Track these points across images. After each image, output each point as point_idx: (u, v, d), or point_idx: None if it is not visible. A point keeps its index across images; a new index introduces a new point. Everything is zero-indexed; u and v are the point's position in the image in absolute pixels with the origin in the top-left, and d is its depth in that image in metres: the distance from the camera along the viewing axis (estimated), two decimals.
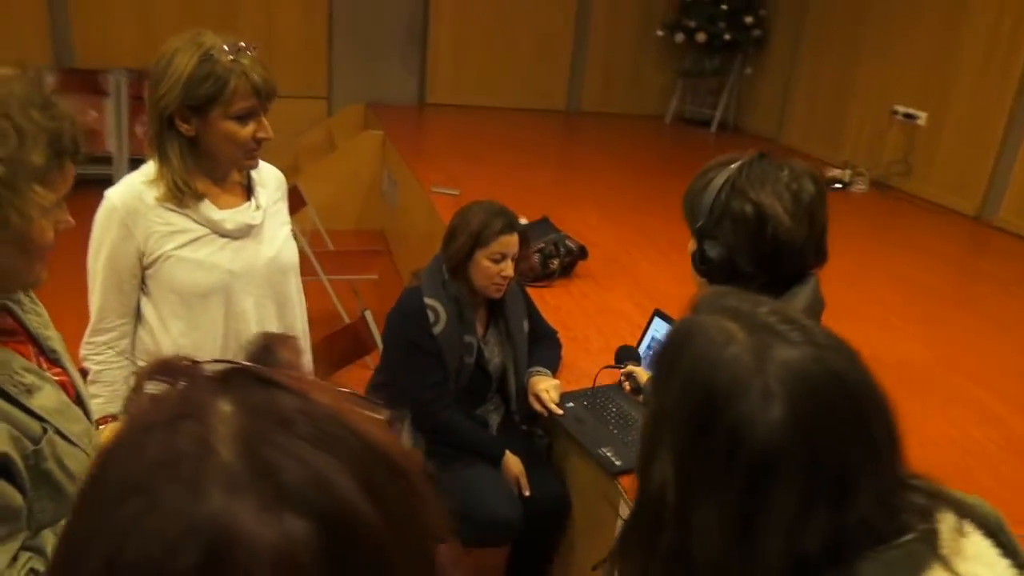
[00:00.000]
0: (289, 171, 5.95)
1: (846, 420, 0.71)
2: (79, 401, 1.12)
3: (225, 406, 0.43)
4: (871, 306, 3.30)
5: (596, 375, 2.17)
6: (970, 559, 0.71)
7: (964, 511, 0.75)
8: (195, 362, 0.48)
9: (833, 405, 0.71)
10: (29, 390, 0.98)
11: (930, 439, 2.29)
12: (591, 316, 2.88)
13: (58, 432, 1.00)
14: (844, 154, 5.72)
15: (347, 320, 3.66)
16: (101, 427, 1.22)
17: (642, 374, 2.00)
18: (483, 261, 2.08)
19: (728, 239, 1.32)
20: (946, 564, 0.69)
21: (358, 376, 2.60)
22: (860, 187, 5.35)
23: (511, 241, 2.10)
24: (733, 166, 1.34)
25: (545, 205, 4.12)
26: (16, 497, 0.93)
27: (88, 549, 0.41)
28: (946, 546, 0.70)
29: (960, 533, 0.72)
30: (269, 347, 0.52)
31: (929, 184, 5.17)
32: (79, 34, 5.76)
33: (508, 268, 2.10)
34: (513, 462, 2.16)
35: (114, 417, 1.38)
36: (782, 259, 1.34)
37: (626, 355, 2.21)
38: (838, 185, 5.32)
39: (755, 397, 0.70)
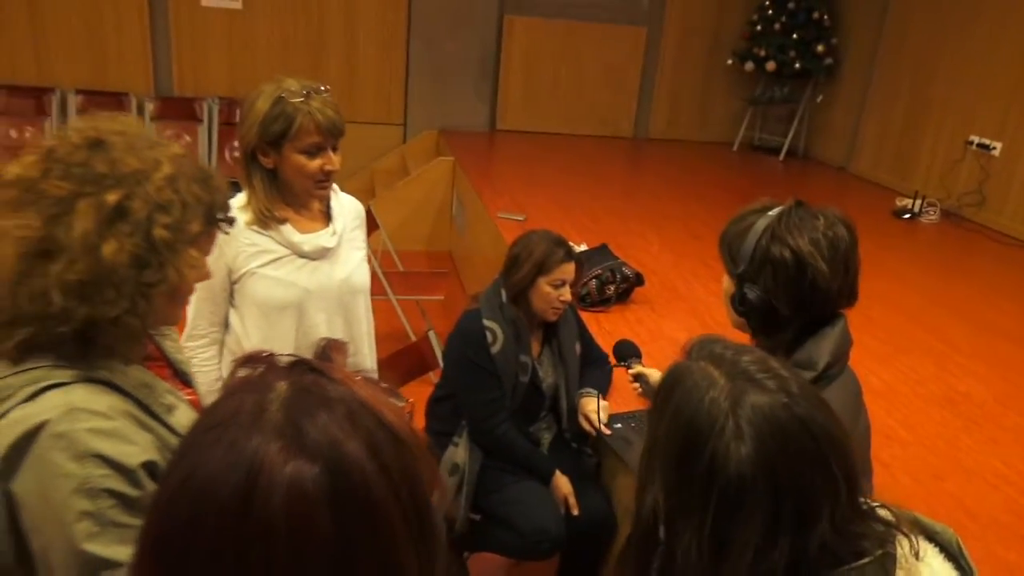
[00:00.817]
0: (365, 193, 6.27)
1: (808, 458, 0.81)
2: None
3: (282, 385, 0.63)
4: (934, 341, 3.28)
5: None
6: None
7: (929, 535, 0.83)
8: (272, 355, 0.68)
9: (796, 445, 0.81)
10: (170, 409, 1.09)
11: (979, 474, 2.31)
12: (644, 342, 2.95)
13: None
14: (915, 184, 5.64)
15: (413, 338, 3.85)
16: None
17: (653, 374, 1.98)
18: (544, 287, 2.22)
19: (768, 284, 1.38)
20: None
21: (420, 391, 2.75)
22: (931, 217, 5.27)
23: (570, 269, 2.24)
24: (772, 213, 1.40)
25: (607, 231, 4.24)
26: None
27: (173, 470, 0.61)
28: (902, 568, 0.79)
29: (916, 557, 0.81)
30: (326, 349, 0.74)
31: (1003, 216, 5.07)
32: (177, 65, 6.20)
33: (566, 293, 2.24)
34: (563, 482, 2.27)
35: None
36: (818, 303, 1.40)
37: (627, 351, 2.19)
38: (908, 215, 5.26)
39: (728, 436, 0.80)
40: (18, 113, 5.84)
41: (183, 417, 1.12)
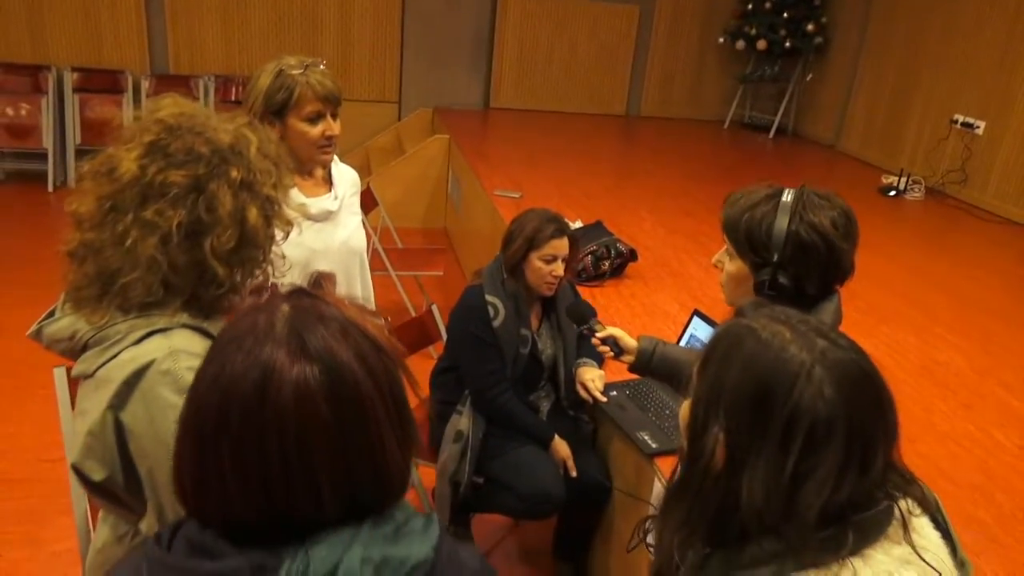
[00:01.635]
0: (361, 171, 6.32)
1: (874, 407, 0.89)
2: None
3: (285, 306, 0.79)
4: (915, 314, 3.42)
5: None
6: (915, 531, 0.92)
7: (923, 496, 0.95)
8: (275, 285, 0.87)
9: (866, 393, 0.89)
10: None
11: (952, 438, 2.44)
12: (638, 314, 3.10)
13: None
14: (901, 161, 5.76)
15: (412, 312, 3.96)
16: None
17: (623, 336, 1.97)
18: (536, 262, 2.33)
19: (799, 267, 1.44)
20: (904, 529, 0.90)
21: (423, 364, 2.87)
22: (916, 195, 5.40)
23: (561, 244, 2.34)
24: (787, 199, 1.46)
25: (601, 208, 4.34)
26: None
27: (206, 369, 0.78)
28: (903, 518, 0.91)
29: (912, 512, 0.92)
30: (318, 280, 1.04)
31: (986, 193, 5.20)
32: (173, 44, 6.23)
33: (558, 268, 2.34)
34: (561, 445, 2.39)
35: None
36: (837, 281, 1.50)
37: (582, 312, 2.11)
38: (893, 192, 5.38)
39: (815, 382, 0.86)
40: (14, 91, 5.87)
41: None
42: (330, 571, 0.73)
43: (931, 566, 0.89)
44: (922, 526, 0.94)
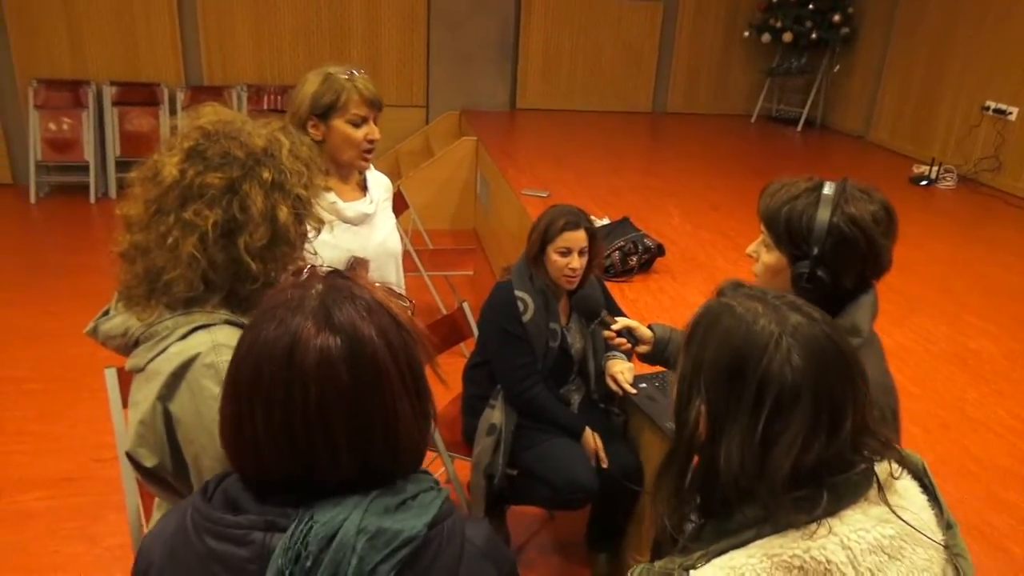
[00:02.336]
0: (391, 175, 6.42)
1: (841, 374, 0.94)
2: None
3: (319, 285, 0.89)
4: (945, 302, 3.41)
5: None
6: (897, 493, 0.96)
7: (901, 460, 0.99)
8: (315, 267, 0.95)
9: (833, 362, 0.94)
10: None
11: (984, 424, 2.45)
12: (666, 308, 3.13)
13: None
14: (933, 151, 5.71)
15: (444, 311, 4.03)
16: None
17: (640, 327, 1.98)
18: (552, 255, 2.39)
19: (839, 262, 1.44)
20: (880, 490, 0.94)
21: (454, 362, 2.94)
22: (948, 184, 5.34)
23: (575, 237, 2.38)
24: (828, 192, 1.45)
25: (628, 205, 4.38)
26: None
27: (244, 338, 0.89)
28: (882, 481, 0.95)
29: (892, 475, 0.97)
30: (353, 264, 1.17)
31: (1020, 180, 5.13)
32: (206, 56, 6.39)
33: (575, 261, 2.38)
34: (592, 437, 2.44)
35: None
36: (876, 275, 1.50)
37: (588, 304, 2.18)
38: (925, 182, 5.34)
39: (782, 351, 0.92)
40: (56, 106, 6.07)
41: None
42: (330, 534, 0.81)
43: (909, 525, 0.93)
44: (906, 489, 0.98)
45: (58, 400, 3.46)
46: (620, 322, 1.98)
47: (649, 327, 1.95)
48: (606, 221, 3.81)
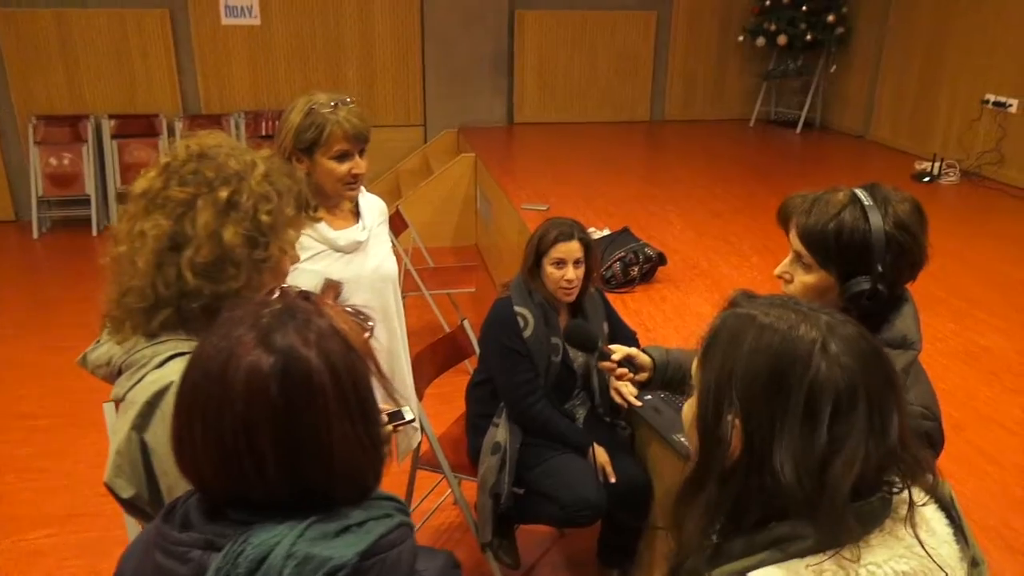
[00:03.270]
0: (391, 195, 6.43)
1: (886, 378, 0.90)
2: None
3: (277, 306, 0.87)
4: (953, 300, 3.36)
5: None
6: (919, 523, 0.89)
7: (931, 486, 0.93)
8: (289, 287, 0.93)
9: (878, 364, 0.90)
10: None
11: (998, 422, 2.40)
12: (669, 318, 3.10)
13: None
14: (933, 146, 5.67)
15: (447, 330, 4.01)
16: None
17: (639, 353, 1.87)
18: (547, 268, 2.36)
19: (896, 272, 1.37)
20: (906, 519, 0.88)
21: (458, 381, 2.90)
22: (951, 178, 5.30)
23: (569, 248, 2.36)
24: (866, 201, 1.38)
25: (629, 215, 4.36)
26: None
27: (194, 351, 0.88)
28: (904, 513, 0.89)
29: (919, 502, 0.90)
30: (325, 288, 1.12)
31: (1023, 172, 5.08)
32: (203, 85, 6.42)
33: (570, 272, 2.36)
34: (599, 452, 2.40)
35: None
36: (916, 275, 1.44)
37: (590, 335, 2.05)
38: (927, 179, 5.30)
39: (831, 353, 0.87)
40: (56, 142, 6.11)
41: None
42: (261, 557, 0.79)
43: (933, 561, 0.87)
44: (930, 518, 0.91)
45: (63, 435, 3.45)
46: (618, 351, 1.87)
47: (644, 351, 1.89)
48: (606, 232, 3.78)
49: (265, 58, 6.46)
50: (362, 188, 2.19)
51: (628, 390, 2.38)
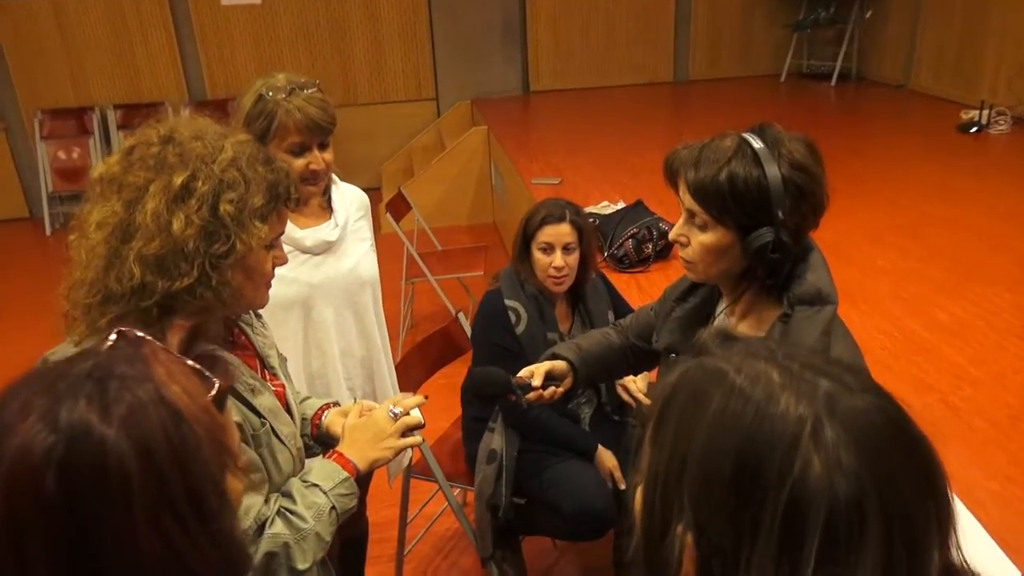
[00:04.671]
0: (403, 174, 6.21)
1: (915, 476, 0.60)
2: (288, 410, 1.34)
3: (92, 361, 0.66)
4: (1010, 266, 3.02)
5: None
6: None
7: None
8: (124, 332, 0.73)
9: (901, 456, 0.60)
10: (253, 391, 1.20)
11: None
12: None
13: (272, 429, 1.22)
14: (981, 93, 5.22)
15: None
16: (325, 412, 1.46)
17: (555, 364, 1.60)
18: (536, 253, 2.13)
19: (797, 217, 1.23)
20: None
21: (462, 371, 2.66)
22: (1001, 127, 4.88)
23: (557, 231, 2.11)
24: (759, 144, 1.23)
25: (647, 187, 4.06)
26: (253, 453, 1.18)
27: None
28: None
29: None
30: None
31: None
32: (207, 69, 6.25)
33: (558, 259, 2.11)
34: (606, 456, 2.17)
35: (328, 405, 1.50)
36: (819, 220, 1.28)
37: (495, 379, 1.57)
38: (975, 129, 4.88)
39: (825, 443, 0.58)
40: (62, 135, 6.01)
41: (266, 401, 1.22)
42: None
43: None
44: None
45: None
46: (536, 374, 1.54)
47: (555, 355, 1.61)
48: (621, 206, 3.51)
49: (269, 39, 6.25)
50: (336, 180, 1.94)
51: (635, 386, 2.14)
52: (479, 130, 5.71)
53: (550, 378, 1.58)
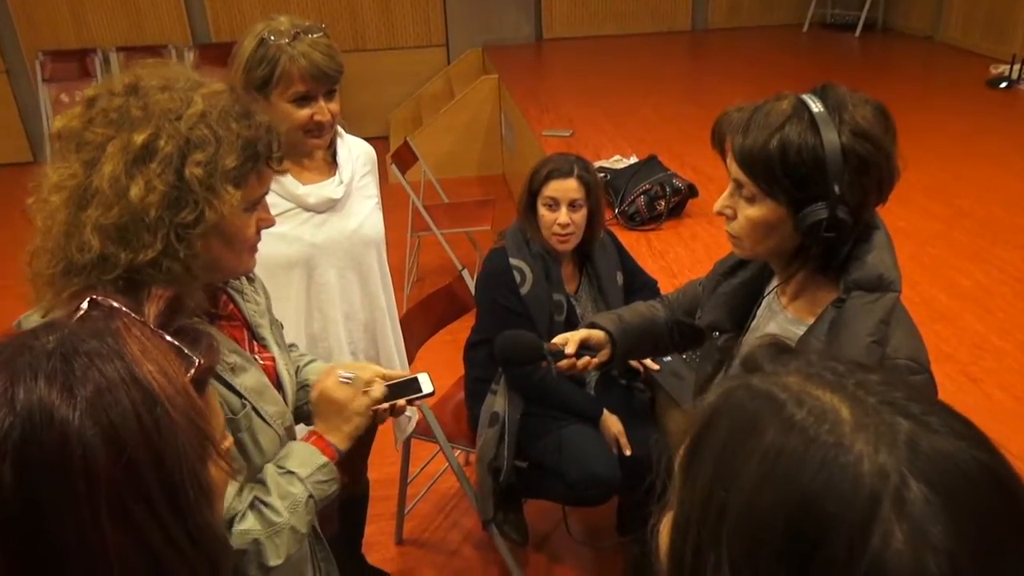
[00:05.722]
0: (412, 123, 6.06)
1: (1014, 541, 0.47)
2: (279, 385, 1.24)
3: (59, 333, 0.61)
4: None
5: None
6: None
7: None
8: (97, 300, 0.66)
9: (1005, 525, 0.47)
10: (233, 369, 1.10)
11: None
12: (700, 259, 2.74)
13: (255, 410, 1.12)
14: (1013, 46, 5.02)
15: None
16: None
17: (592, 334, 1.49)
18: (540, 210, 2.04)
19: (858, 192, 1.11)
20: None
21: (467, 327, 2.60)
22: None
23: (563, 187, 2.02)
24: (818, 108, 1.10)
25: (661, 140, 3.95)
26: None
27: None
28: None
29: None
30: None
31: None
32: (211, 11, 6.07)
33: (563, 215, 2.02)
34: (612, 421, 2.12)
35: None
36: (887, 195, 1.15)
37: (527, 345, 1.51)
38: (1005, 84, 4.69)
39: (911, 511, 0.45)
40: (64, 78, 5.88)
41: (249, 380, 1.12)
42: None
43: None
44: None
45: None
46: (569, 341, 1.47)
47: (594, 325, 1.51)
48: (633, 160, 3.39)
49: None
50: (342, 132, 1.83)
51: None
52: (489, 79, 5.55)
53: (585, 347, 1.48)
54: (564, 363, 1.45)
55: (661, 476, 0.60)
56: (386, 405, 1.24)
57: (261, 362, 1.21)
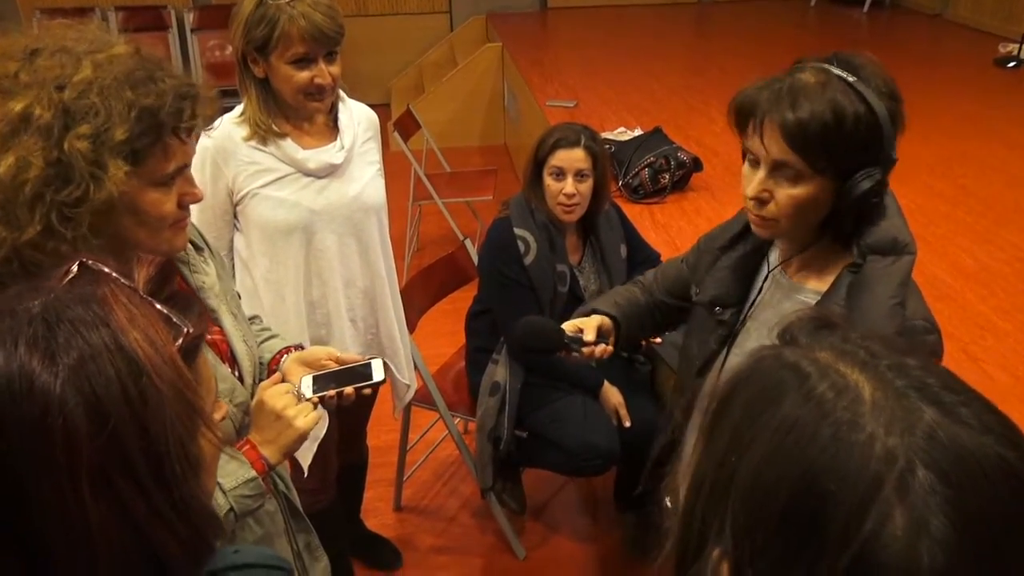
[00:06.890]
0: (414, 91, 6.00)
1: None
2: (233, 360, 1.20)
3: (45, 298, 0.59)
4: None
5: None
6: None
7: None
8: (85, 264, 0.63)
9: (1018, 530, 0.44)
10: None
11: None
12: (703, 232, 2.72)
13: None
14: (1022, 26, 4.96)
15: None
16: (284, 357, 1.30)
17: (603, 321, 1.46)
18: (546, 179, 2.03)
19: (893, 156, 1.11)
20: None
21: (470, 296, 2.60)
22: None
23: (570, 156, 2.00)
24: (848, 76, 1.09)
25: (666, 112, 3.91)
26: None
27: None
28: None
29: None
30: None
31: None
32: None
33: (569, 185, 2.01)
34: (612, 393, 2.12)
35: (288, 349, 1.34)
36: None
37: (548, 333, 1.44)
38: (1013, 64, 4.65)
39: (913, 499, 0.44)
40: None
41: None
42: None
43: None
44: None
45: None
46: (587, 327, 1.42)
47: (595, 312, 1.50)
48: (638, 132, 3.37)
49: None
50: (344, 97, 1.80)
51: None
52: (493, 47, 5.49)
53: (603, 336, 1.46)
54: (586, 351, 1.42)
55: (666, 442, 0.59)
56: (332, 392, 1.19)
57: (208, 338, 1.14)
